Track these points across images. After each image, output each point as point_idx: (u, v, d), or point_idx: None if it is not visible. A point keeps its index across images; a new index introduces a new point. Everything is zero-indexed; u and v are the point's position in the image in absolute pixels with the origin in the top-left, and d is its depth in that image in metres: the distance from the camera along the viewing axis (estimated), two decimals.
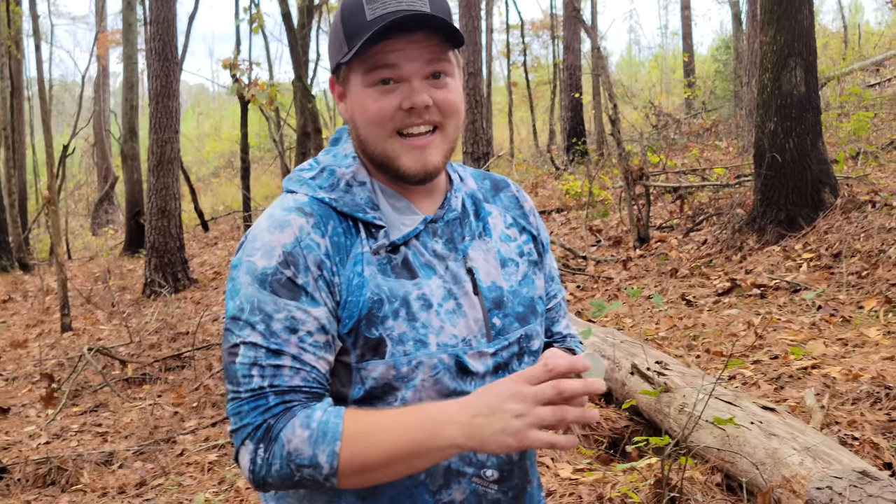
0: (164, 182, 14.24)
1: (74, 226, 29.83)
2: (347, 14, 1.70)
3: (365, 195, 1.74)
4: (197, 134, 50.14)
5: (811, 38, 9.48)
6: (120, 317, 11.37)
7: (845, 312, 6.99)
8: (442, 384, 1.70)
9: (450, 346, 1.71)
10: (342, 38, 1.71)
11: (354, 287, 1.67)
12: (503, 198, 1.98)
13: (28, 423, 7.71)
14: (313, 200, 1.73)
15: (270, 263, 1.64)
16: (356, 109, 1.73)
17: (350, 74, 1.73)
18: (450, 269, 1.77)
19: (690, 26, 31.72)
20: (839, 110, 16.65)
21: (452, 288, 1.75)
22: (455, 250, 1.80)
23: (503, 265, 1.86)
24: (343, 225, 1.71)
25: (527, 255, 1.93)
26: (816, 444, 3.63)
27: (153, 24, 14.23)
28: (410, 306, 1.70)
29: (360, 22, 1.67)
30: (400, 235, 1.74)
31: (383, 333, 1.67)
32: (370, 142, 1.73)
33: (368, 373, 1.67)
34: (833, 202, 9.11)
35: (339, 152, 1.82)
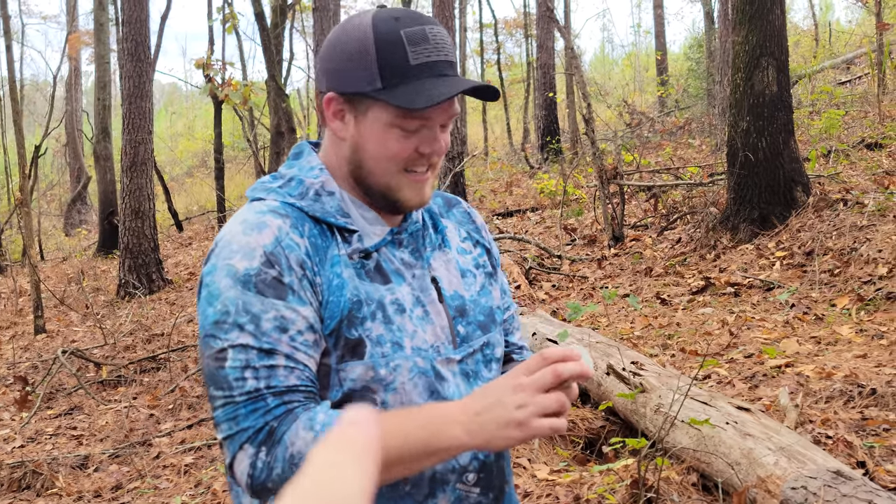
0: (138, 183, 14.18)
1: (47, 226, 29.61)
2: (385, 44, 1.68)
3: (335, 203, 1.75)
4: (170, 133, 49.86)
5: (783, 38, 9.55)
6: (94, 318, 11.31)
7: (818, 310, 7.04)
8: (421, 388, 1.72)
9: (423, 351, 1.74)
10: (374, 70, 1.68)
11: (335, 287, 1.68)
12: (456, 213, 2.04)
13: (2, 427, 7.66)
14: (285, 204, 1.73)
15: (253, 264, 1.62)
16: (370, 141, 1.73)
17: (373, 109, 1.71)
18: (416, 277, 1.81)
19: (663, 25, 31.84)
20: (810, 108, 16.78)
21: (420, 296, 1.79)
22: (420, 259, 1.84)
23: (462, 276, 1.91)
24: (318, 227, 1.72)
25: (482, 266, 1.99)
26: (791, 444, 3.66)
27: (125, 25, 14.16)
28: (386, 310, 1.72)
29: (399, 61, 1.67)
30: (372, 243, 1.77)
31: (363, 334, 1.68)
32: (376, 174, 1.74)
33: (347, 374, 1.68)
34: (805, 200, 9.19)
35: (303, 165, 1.82)
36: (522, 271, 10.16)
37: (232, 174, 31.26)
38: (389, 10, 1.74)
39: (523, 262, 10.60)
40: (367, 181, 1.76)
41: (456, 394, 1.77)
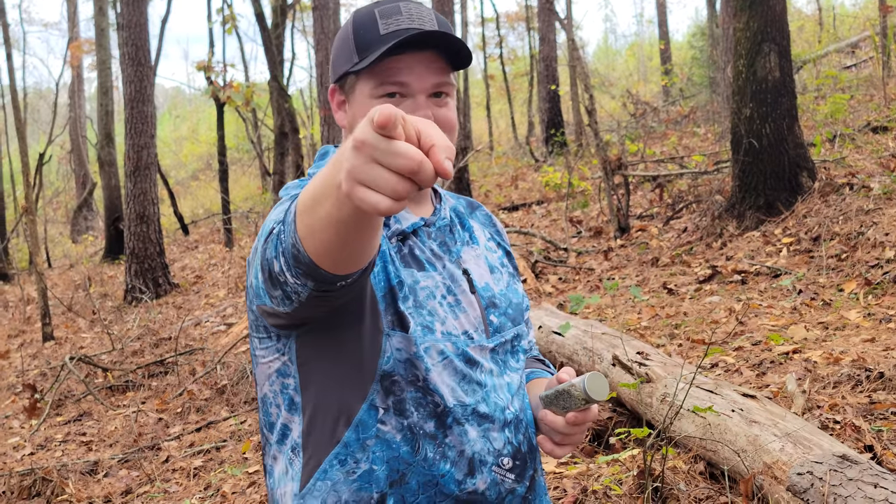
0: (142, 187, 14.18)
1: (54, 233, 29.70)
2: (360, 26, 1.77)
3: None
4: (174, 137, 49.94)
5: (784, 23, 9.50)
6: (101, 324, 11.31)
7: (825, 296, 7.01)
8: (451, 371, 1.77)
9: (453, 336, 1.79)
10: (352, 49, 1.77)
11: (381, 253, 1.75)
12: (479, 215, 2.11)
13: (12, 435, 7.67)
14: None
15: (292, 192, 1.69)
16: (358, 118, 1.77)
17: (357, 85, 1.79)
18: (447, 267, 1.86)
19: (666, 14, 31.78)
20: (815, 93, 16.70)
21: (451, 285, 1.84)
22: (449, 252, 1.89)
23: (491, 271, 1.97)
24: None
25: (506, 266, 2.05)
26: (797, 430, 3.63)
27: (125, 29, 14.16)
28: (417, 294, 1.77)
29: (372, 35, 1.74)
30: (407, 224, 1.83)
31: (405, 311, 1.74)
32: None
33: (394, 343, 1.73)
34: (811, 186, 9.14)
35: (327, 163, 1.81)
36: (529, 265, 10.13)
37: (237, 176, 31.31)
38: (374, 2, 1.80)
39: (529, 256, 10.57)
40: None
41: (488, 380, 1.83)
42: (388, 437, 1.74)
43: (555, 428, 1.77)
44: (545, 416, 1.79)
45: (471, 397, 1.78)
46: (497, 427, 1.81)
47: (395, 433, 1.74)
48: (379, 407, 1.74)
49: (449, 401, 1.75)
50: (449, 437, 1.75)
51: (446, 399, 1.75)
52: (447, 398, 1.75)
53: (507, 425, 1.83)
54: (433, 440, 1.75)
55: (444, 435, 1.75)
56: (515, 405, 1.87)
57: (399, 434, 1.74)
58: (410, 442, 1.74)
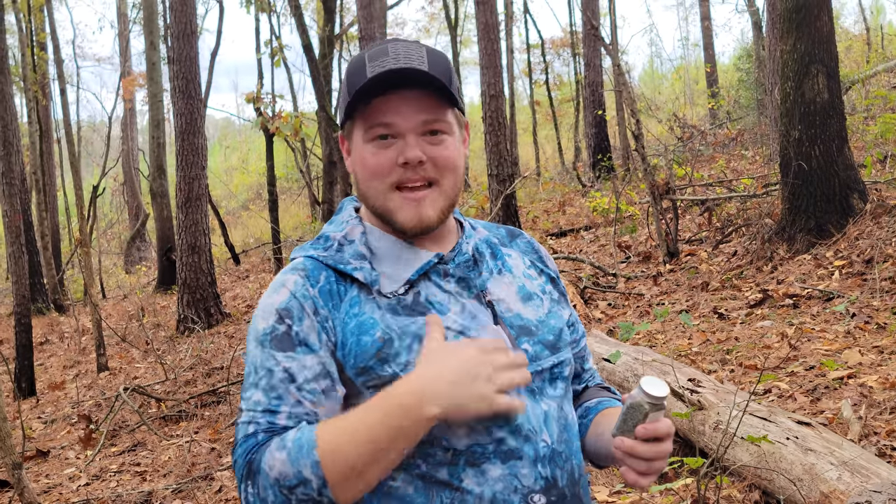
0: (194, 218, 14.34)
1: (108, 264, 30.09)
2: (352, 71, 1.78)
3: (352, 250, 1.82)
4: (225, 167, 50.49)
5: (832, 44, 9.43)
6: (155, 354, 11.43)
7: (880, 319, 6.91)
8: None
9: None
10: (345, 94, 1.79)
11: (353, 328, 1.72)
12: (520, 243, 2.07)
13: (68, 465, 7.76)
14: (307, 259, 1.83)
15: (268, 323, 1.72)
16: (357, 164, 1.81)
17: (353, 130, 1.82)
18: (465, 306, 1.80)
19: (711, 37, 31.65)
20: (865, 114, 16.53)
21: (467, 323, 1.77)
22: (468, 288, 1.83)
23: (528, 299, 1.91)
24: (335, 276, 1.79)
25: (548, 293, 1.99)
26: (854, 458, 3.59)
27: (175, 63, 14.37)
28: (422, 340, 1.70)
29: (360, 78, 1.74)
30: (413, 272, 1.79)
31: (397, 370, 1.68)
32: (370, 196, 1.81)
33: None
34: (862, 207, 9.04)
35: (337, 220, 1.92)
36: (577, 291, 10.10)
37: (287, 205, 31.54)
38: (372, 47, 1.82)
39: (578, 282, 10.54)
40: (372, 209, 1.83)
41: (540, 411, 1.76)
42: (400, 492, 1.69)
43: (633, 453, 1.69)
44: (621, 443, 1.70)
45: (492, 435, 1.70)
46: (527, 462, 1.72)
47: (407, 486, 1.68)
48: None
49: (459, 444, 1.68)
50: (465, 481, 1.68)
51: (455, 443, 1.68)
52: (457, 442, 1.68)
53: (539, 459, 1.73)
54: (448, 487, 1.67)
55: (459, 480, 1.68)
56: (552, 436, 1.77)
57: (411, 487, 1.68)
58: (425, 493, 1.68)
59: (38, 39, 22.06)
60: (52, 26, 23.14)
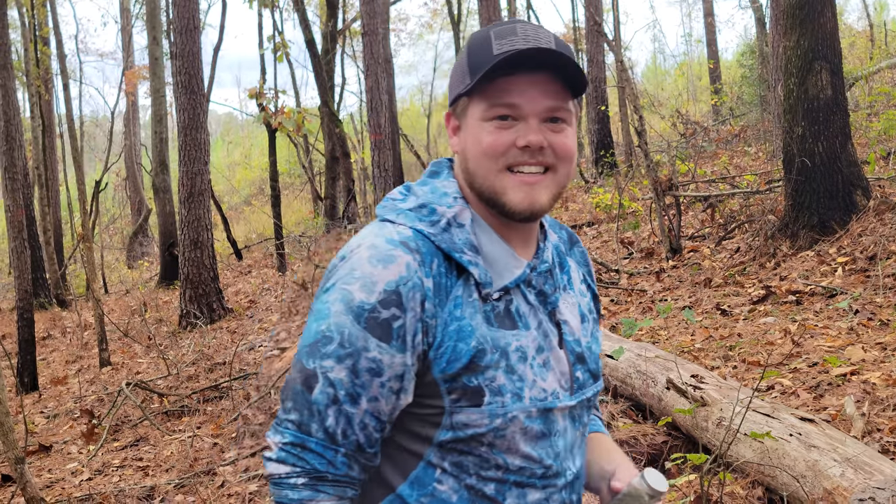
0: (196, 213, 14.34)
1: (110, 259, 30.09)
2: (475, 47, 1.70)
3: (464, 237, 1.70)
4: (227, 163, 50.50)
5: (835, 41, 9.41)
6: (157, 349, 11.44)
7: (883, 316, 6.90)
8: (530, 435, 1.70)
9: (539, 400, 1.71)
10: (465, 70, 1.71)
11: (452, 332, 1.65)
12: (576, 252, 1.99)
13: (70, 460, 7.76)
14: (417, 234, 1.69)
15: (370, 299, 1.61)
16: (469, 142, 1.71)
17: (469, 107, 1.72)
18: (542, 322, 1.76)
19: (714, 33, 31.61)
20: (868, 110, 16.51)
21: (543, 343, 1.74)
22: (545, 303, 1.79)
23: (582, 321, 1.88)
24: (445, 264, 1.68)
25: (592, 312, 1.95)
26: (857, 455, 3.58)
27: (178, 58, 14.36)
28: (509, 358, 1.68)
29: (485, 55, 1.66)
30: (511, 279, 1.73)
31: (482, 384, 1.65)
32: (479, 175, 1.70)
33: (460, 419, 1.66)
34: (866, 204, 9.03)
35: (437, 188, 1.77)
36: None
37: (289, 201, 31.55)
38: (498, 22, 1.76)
39: None
40: (478, 189, 1.72)
41: (560, 440, 1.76)
42: (443, 496, 1.69)
43: None
44: None
45: (540, 460, 1.72)
46: (559, 488, 1.76)
47: (452, 494, 1.69)
48: (436, 467, 1.69)
49: (514, 464, 1.70)
50: (507, 500, 1.70)
51: (512, 463, 1.69)
52: (513, 462, 1.70)
53: (566, 486, 1.78)
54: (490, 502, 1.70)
55: (503, 498, 1.70)
56: (577, 463, 1.81)
57: (455, 495, 1.69)
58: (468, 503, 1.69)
59: (41, 34, 22.06)
60: (55, 21, 23.14)
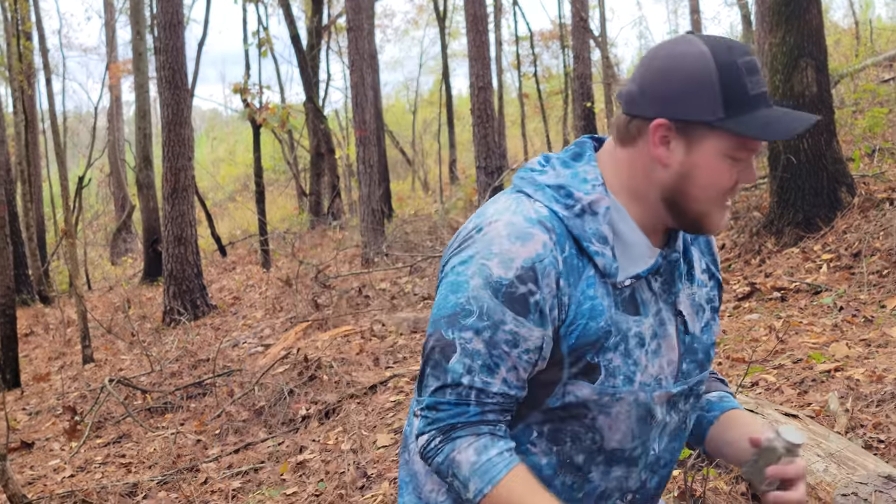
0: (180, 209, 14.27)
1: (93, 256, 29.97)
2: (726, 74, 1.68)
3: (594, 226, 1.74)
4: (212, 159, 50.31)
5: (821, 38, 9.42)
6: (140, 346, 11.39)
7: (867, 312, 6.92)
8: (634, 417, 1.77)
9: (647, 386, 1.78)
10: (717, 97, 1.68)
11: (585, 311, 1.71)
12: (701, 240, 2.02)
13: (52, 457, 7.72)
14: (553, 215, 1.74)
15: (507, 275, 1.67)
16: (702, 171, 1.73)
17: (710, 137, 1.71)
18: (661, 309, 1.82)
19: (701, 30, 31.63)
20: (854, 107, 16.54)
21: (658, 329, 1.81)
22: (669, 292, 1.84)
23: (698, 311, 1.92)
24: (576, 246, 1.73)
25: (711, 301, 1.98)
26: (841, 450, 3.58)
27: (162, 53, 14.29)
28: (629, 342, 1.75)
29: (742, 92, 1.68)
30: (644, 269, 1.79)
31: (601, 362, 1.72)
32: (700, 201, 1.74)
33: (572, 390, 1.73)
34: (850, 201, 9.04)
35: (578, 173, 1.80)
36: None
37: (274, 197, 31.48)
38: (716, 39, 1.73)
39: None
40: (685, 207, 1.75)
41: (662, 423, 1.83)
42: (534, 459, 1.77)
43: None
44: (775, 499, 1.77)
45: (634, 442, 1.79)
46: (639, 468, 1.83)
47: (542, 457, 1.77)
48: (534, 429, 1.77)
49: (611, 443, 1.77)
50: (593, 472, 1.78)
51: (608, 441, 1.77)
52: (610, 441, 1.77)
53: (646, 465, 1.84)
54: (577, 472, 1.76)
55: (588, 470, 1.77)
56: (661, 445, 1.87)
57: (545, 458, 1.77)
58: (555, 468, 1.77)
59: (24, 29, 21.91)
60: (38, 16, 22.98)
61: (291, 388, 7.71)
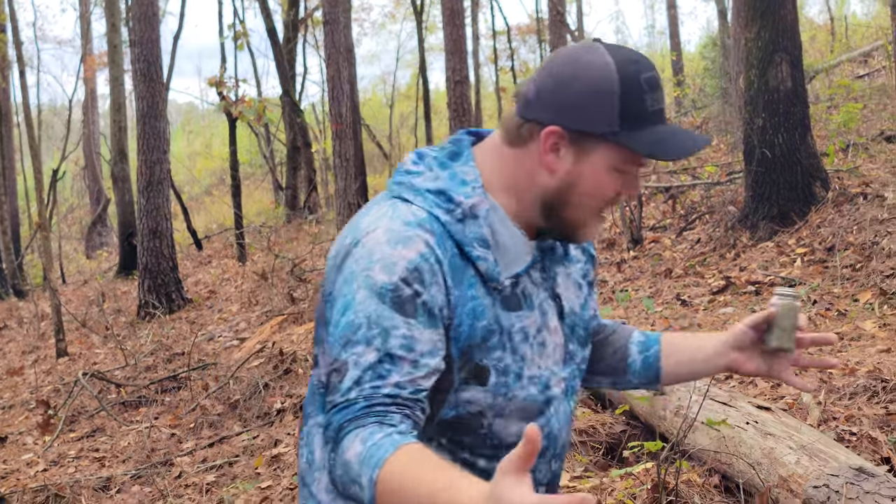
0: (155, 203, 14.19)
1: (68, 249, 29.79)
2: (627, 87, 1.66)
3: (476, 230, 1.71)
4: (188, 152, 50.07)
5: (796, 33, 9.47)
6: (115, 340, 11.33)
7: (840, 306, 6.96)
8: (524, 412, 1.75)
9: (536, 378, 1.76)
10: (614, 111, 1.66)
11: (468, 311, 1.68)
12: None
13: (25, 451, 7.67)
14: (433, 219, 1.70)
15: (391, 279, 1.62)
16: (587, 181, 1.71)
17: (599, 149, 1.69)
18: (542, 298, 1.80)
19: (677, 25, 31.74)
20: (828, 103, 16.63)
21: (540, 319, 1.79)
22: (549, 279, 1.83)
23: (577, 289, 1.92)
24: (457, 249, 1.70)
25: (587, 277, 1.98)
26: (812, 443, 3.60)
27: (137, 46, 14.19)
28: (513, 338, 1.73)
29: (640, 108, 1.66)
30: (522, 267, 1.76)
31: (490, 363, 1.70)
32: (579, 209, 1.73)
33: (464, 396, 1.70)
34: (825, 196, 9.10)
35: (457, 174, 1.76)
36: None
37: (250, 191, 31.36)
38: (624, 51, 1.70)
39: None
40: (562, 213, 1.73)
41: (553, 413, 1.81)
42: None
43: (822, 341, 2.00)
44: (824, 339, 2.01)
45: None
46: (547, 459, 1.82)
47: None
48: (433, 443, 1.72)
49: (509, 440, 1.73)
50: None
51: (507, 440, 1.73)
52: (508, 438, 1.73)
53: (554, 456, 1.84)
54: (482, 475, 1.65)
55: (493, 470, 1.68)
56: (566, 433, 1.87)
57: None
58: None
59: None
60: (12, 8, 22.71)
61: (266, 382, 7.69)
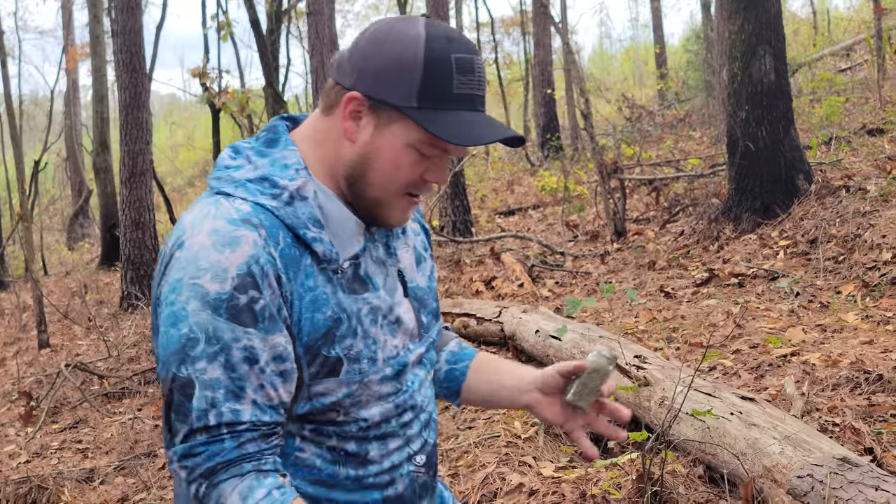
0: (138, 194, 14.13)
1: (50, 241, 29.63)
2: (433, 64, 1.60)
3: (307, 211, 1.64)
4: (171, 144, 49.88)
5: (779, 26, 9.50)
6: (97, 331, 11.28)
7: (823, 298, 6.99)
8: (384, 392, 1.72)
9: (392, 359, 1.73)
10: (415, 85, 1.60)
11: (308, 303, 1.62)
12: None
13: (7, 443, 7.63)
14: (257, 208, 1.61)
15: (224, 288, 1.53)
16: (383, 156, 1.65)
17: (397, 124, 1.64)
18: (389, 275, 1.77)
19: (661, 17, 31.78)
20: (811, 96, 16.70)
21: (389, 297, 1.75)
22: (390, 254, 1.80)
23: (419, 262, 1.90)
24: (290, 236, 1.62)
25: (427, 248, 1.96)
26: (796, 433, 3.61)
27: (119, 36, 14.10)
28: (363, 322, 1.68)
29: (445, 89, 1.60)
30: (359, 247, 1.71)
31: (341, 353, 1.65)
32: (375, 188, 1.67)
33: (318, 390, 1.66)
34: (807, 188, 9.14)
35: (277, 160, 1.68)
36: (525, 269, 10.11)
37: None
38: (443, 28, 1.64)
39: (526, 260, 10.55)
40: (362, 191, 1.68)
41: (414, 386, 1.80)
42: (307, 461, 1.70)
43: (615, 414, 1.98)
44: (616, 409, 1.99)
45: (397, 410, 1.75)
46: (416, 430, 1.80)
47: (316, 458, 1.70)
48: (296, 437, 1.69)
49: (373, 421, 1.71)
50: (371, 453, 1.72)
51: (371, 420, 1.71)
52: (372, 419, 1.71)
53: (424, 426, 1.83)
54: (355, 458, 1.71)
55: (365, 452, 1.72)
56: (431, 402, 1.87)
57: (319, 459, 1.70)
58: (332, 464, 1.70)
59: None
60: None
61: None
